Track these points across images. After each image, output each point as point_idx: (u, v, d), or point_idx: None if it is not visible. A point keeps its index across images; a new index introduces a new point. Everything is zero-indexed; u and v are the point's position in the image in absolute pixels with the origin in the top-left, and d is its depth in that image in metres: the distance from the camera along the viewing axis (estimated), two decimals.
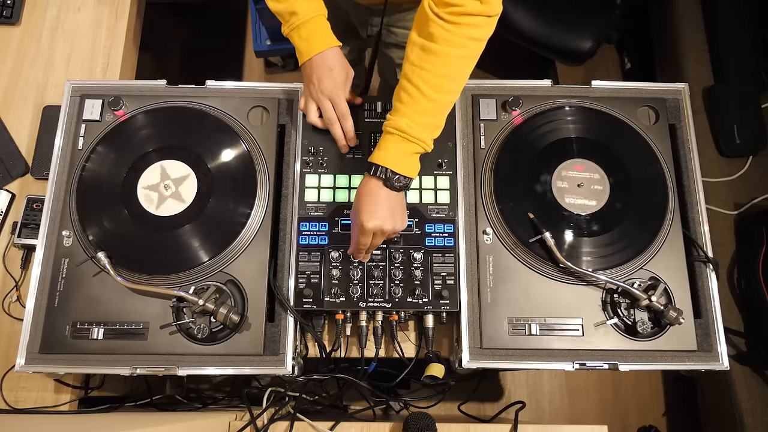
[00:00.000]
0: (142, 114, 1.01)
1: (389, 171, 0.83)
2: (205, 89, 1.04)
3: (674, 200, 0.97)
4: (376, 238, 0.86)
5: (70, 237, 0.94)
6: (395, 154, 0.83)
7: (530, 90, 1.05)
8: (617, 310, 0.91)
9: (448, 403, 1.49)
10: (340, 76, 0.92)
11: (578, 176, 0.97)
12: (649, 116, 1.03)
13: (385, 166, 0.83)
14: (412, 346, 1.00)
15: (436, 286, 0.92)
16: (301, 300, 0.91)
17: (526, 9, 1.79)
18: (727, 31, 1.81)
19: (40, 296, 0.91)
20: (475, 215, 0.96)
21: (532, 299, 0.92)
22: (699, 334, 0.92)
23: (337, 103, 0.93)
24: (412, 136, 0.82)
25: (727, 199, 1.69)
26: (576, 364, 0.89)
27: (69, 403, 1.02)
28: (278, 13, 0.91)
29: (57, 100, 1.18)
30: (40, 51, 1.23)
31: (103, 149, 0.98)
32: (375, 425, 0.96)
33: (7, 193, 1.11)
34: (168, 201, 0.94)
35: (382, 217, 0.84)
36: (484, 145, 1.01)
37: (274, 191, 0.98)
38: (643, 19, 2.13)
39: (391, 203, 0.85)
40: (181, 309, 0.90)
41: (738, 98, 1.74)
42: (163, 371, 0.89)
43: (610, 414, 1.95)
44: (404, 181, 0.85)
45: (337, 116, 0.94)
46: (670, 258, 0.94)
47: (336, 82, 0.91)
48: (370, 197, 0.84)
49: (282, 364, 0.90)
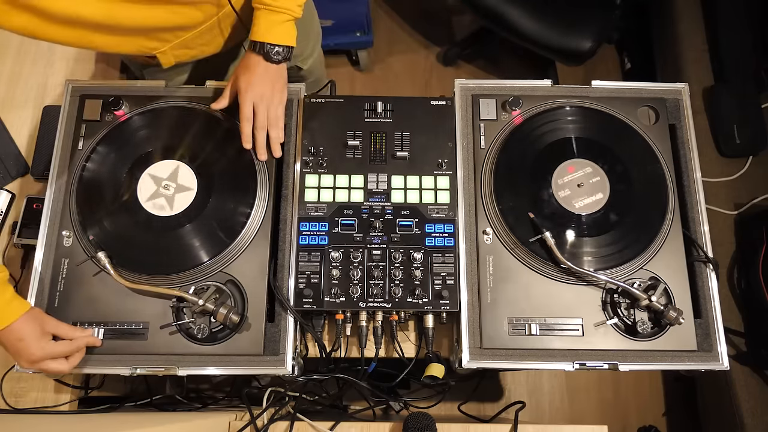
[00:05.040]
0: (142, 114, 1.01)
1: (267, 45, 0.91)
2: (205, 89, 1.04)
3: (674, 200, 0.97)
4: (259, 110, 0.93)
5: (70, 237, 0.94)
6: (266, 27, 0.91)
7: (530, 90, 1.05)
8: (617, 310, 0.91)
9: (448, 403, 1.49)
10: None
11: (578, 176, 0.97)
12: (649, 116, 1.03)
13: (261, 41, 0.91)
14: (412, 346, 1.00)
15: (436, 286, 0.92)
16: (301, 300, 0.91)
17: (526, 9, 1.79)
18: (727, 31, 1.81)
19: (40, 296, 0.91)
20: (475, 215, 0.96)
21: (532, 299, 0.92)
22: (699, 334, 0.92)
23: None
24: (276, 6, 0.90)
25: (727, 199, 1.69)
26: (576, 364, 0.89)
27: (69, 403, 1.02)
28: None
29: (57, 100, 1.18)
30: (40, 51, 1.23)
31: (103, 149, 0.98)
32: (375, 425, 0.96)
33: (7, 193, 1.11)
34: (168, 201, 0.94)
35: (261, 87, 0.92)
36: (484, 145, 1.01)
37: (274, 191, 0.98)
38: (643, 19, 2.13)
39: (270, 76, 0.93)
40: (181, 309, 0.90)
41: (738, 98, 1.74)
42: (163, 371, 0.89)
43: (610, 414, 1.95)
44: (283, 53, 0.93)
45: None
46: (670, 258, 0.94)
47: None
48: (247, 71, 0.93)
49: (282, 364, 0.90)
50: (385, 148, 0.99)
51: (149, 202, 0.94)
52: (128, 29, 0.88)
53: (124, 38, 0.91)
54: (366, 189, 0.97)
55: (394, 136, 1.00)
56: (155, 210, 0.94)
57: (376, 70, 2.33)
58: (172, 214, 0.94)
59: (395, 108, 1.02)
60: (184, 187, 0.95)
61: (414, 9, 2.41)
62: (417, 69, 2.34)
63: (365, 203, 0.96)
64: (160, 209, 0.94)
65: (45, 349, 0.84)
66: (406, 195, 0.97)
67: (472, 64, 2.36)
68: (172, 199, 0.94)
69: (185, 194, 0.95)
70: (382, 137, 1.00)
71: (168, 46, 0.98)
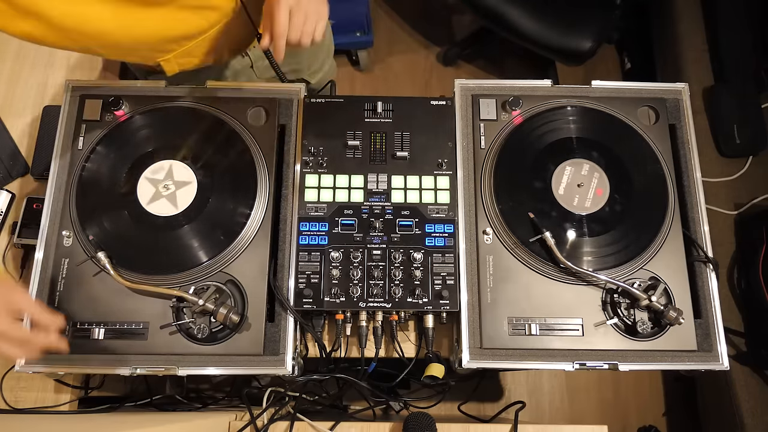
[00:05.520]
0: (142, 114, 1.01)
1: None
2: (205, 89, 1.04)
3: (674, 200, 0.97)
4: (296, 18, 0.83)
5: (70, 237, 0.94)
6: None
7: (530, 90, 1.05)
8: (617, 310, 0.91)
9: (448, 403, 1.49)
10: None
11: (578, 176, 0.97)
12: (649, 116, 1.03)
13: None
14: (412, 346, 1.00)
15: (436, 286, 0.92)
16: (301, 300, 0.91)
17: (526, 9, 1.79)
18: (727, 31, 1.81)
19: (40, 296, 0.91)
20: (475, 215, 0.96)
21: (532, 299, 0.92)
22: (699, 334, 0.92)
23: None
24: None
25: (727, 199, 1.69)
26: (576, 364, 0.89)
27: (69, 403, 1.02)
28: None
29: (57, 100, 1.18)
30: (40, 51, 1.23)
31: (103, 149, 0.98)
32: (375, 425, 0.96)
33: (7, 193, 1.11)
34: (168, 201, 0.94)
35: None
36: (484, 145, 1.01)
37: (274, 191, 0.98)
38: (643, 19, 2.14)
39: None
40: (181, 309, 0.90)
41: (738, 98, 1.74)
42: (163, 371, 0.89)
43: (610, 414, 1.95)
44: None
45: None
46: (670, 258, 0.94)
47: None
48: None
49: (282, 364, 0.90)
50: (385, 148, 0.99)
51: (149, 202, 0.94)
52: (133, 38, 0.86)
53: (129, 48, 0.89)
54: (366, 189, 0.97)
55: (394, 136, 1.00)
56: (155, 210, 0.93)
57: (376, 70, 2.33)
58: (172, 213, 0.93)
59: (395, 108, 1.02)
60: (184, 187, 0.95)
61: (414, 9, 2.42)
62: (417, 69, 2.35)
63: (365, 203, 0.96)
64: (160, 209, 0.94)
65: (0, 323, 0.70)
66: (406, 195, 0.97)
67: (472, 64, 2.37)
68: (172, 198, 0.94)
69: (185, 194, 0.95)
70: (382, 137, 1.00)
71: (172, 55, 0.96)
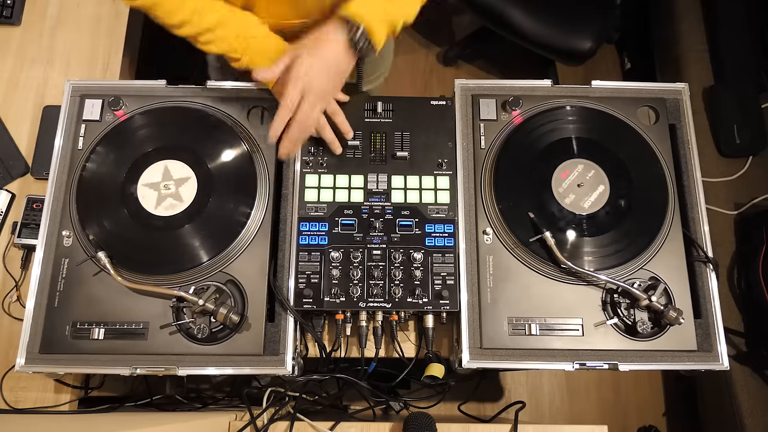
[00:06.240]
0: (142, 114, 1.01)
1: (359, 27, 0.76)
2: (205, 89, 1.04)
3: (674, 200, 0.97)
4: (306, 102, 0.77)
5: (70, 237, 0.94)
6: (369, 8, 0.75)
7: (530, 90, 1.05)
8: (617, 310, 0.91)
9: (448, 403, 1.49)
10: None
11: (578, 176, 0.97)
12: (649, 116, 1.03)
13: (354, 19, 0.75)
14: (412, 346, 1.00)
15: (436, 286, 0.92)
16: (301, 300, 0.91)
17: (526, 9, 1.79)
18: (727, 31, 1.81)
19: (40, 296, 0.91)
20: (475, 215, 0.96)
21: (532, 299, 0.92)
22: (699, 334, 0.92)
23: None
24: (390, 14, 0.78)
25: (727, 199, 1.69)
26: (576, 364, 0.89)
27: (69, 403, 1.02)
28: (229, 47, 0.80)
29: (57, 100, 1.18)
30: (40, 51, 1.23)
31: (103, 149, 0.98)
32: (375, 425, 0.96)
33: (7, 193, 1.11)
34: (168, 201, 0.94)
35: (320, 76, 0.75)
36: (484, 145, 1.01)
37: (274, 191, 0.98)
38: (643, 19, 2.14)
39: (337, 64, 0.77)
40: (181, 309, 0.90)
41: (738, 98, 1.74)
42: (163, 371, 0.89)
43: (610, 414, 1.95)
44: (364, 45, 0.77)
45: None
46: (670, 258, 0.94)
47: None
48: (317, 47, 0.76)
49: (282, 364, 0.90)
50: (385, 148, 0.99)
51: (149, 202, 0.94)
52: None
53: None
54: (366, 189, 0.97)
55: (394, 136, 1.00)
56: (155, 210, 0.93)
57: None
58: (172, 213, 0.93)
59: (395, 108, 1.02)
60: (185, 187, 0.95)
61: None
62: (417, 69, 2.35)
63: (365, 203, 0.96)
64: (161, 209, 0.94)
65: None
66: (406, 195, 0.97)
67: (472, 64, 2.37)
68: (173, 198, 0.94)
69: (185, 194, 0.95)
70: (382, 137, 1.00)
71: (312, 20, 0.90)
